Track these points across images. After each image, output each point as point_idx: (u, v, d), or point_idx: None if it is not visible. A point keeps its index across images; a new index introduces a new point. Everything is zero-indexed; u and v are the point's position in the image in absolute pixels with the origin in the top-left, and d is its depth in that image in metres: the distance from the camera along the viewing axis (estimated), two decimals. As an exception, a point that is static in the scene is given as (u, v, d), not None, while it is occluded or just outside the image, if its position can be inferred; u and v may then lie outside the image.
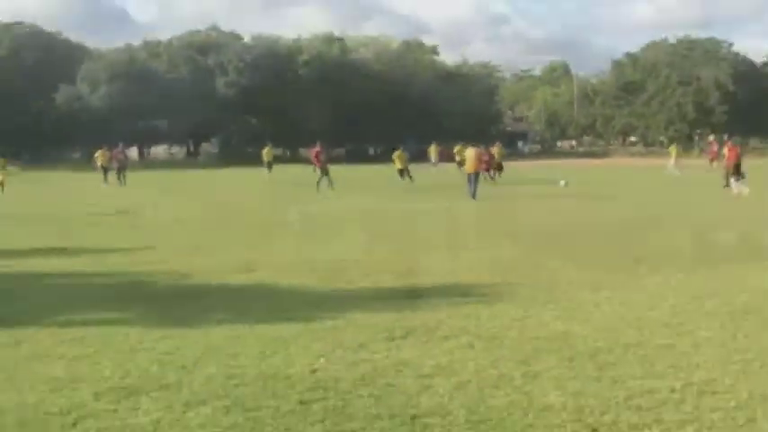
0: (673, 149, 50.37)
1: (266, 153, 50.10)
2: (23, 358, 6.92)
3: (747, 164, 29.80)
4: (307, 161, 56.78)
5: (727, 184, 28.28)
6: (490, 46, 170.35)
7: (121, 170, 40.10)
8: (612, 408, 5.46)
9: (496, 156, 37.46)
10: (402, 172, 36.35)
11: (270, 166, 48.58)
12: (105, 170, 40.58)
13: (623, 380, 6.09)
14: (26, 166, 58.41)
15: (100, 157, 41.70)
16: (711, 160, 57.77)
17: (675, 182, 36.89)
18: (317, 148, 34.67)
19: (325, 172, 32.57)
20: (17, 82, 74.61)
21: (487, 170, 33.44)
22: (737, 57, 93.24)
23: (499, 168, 36.81)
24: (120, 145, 44.06)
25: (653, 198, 27.12)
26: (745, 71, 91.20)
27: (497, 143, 44.41)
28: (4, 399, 5.80)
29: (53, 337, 7.60)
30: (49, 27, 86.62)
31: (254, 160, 55.84)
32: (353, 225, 18.53)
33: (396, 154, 37.74)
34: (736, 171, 27.94)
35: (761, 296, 9.27)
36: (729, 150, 30.00)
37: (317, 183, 31.95)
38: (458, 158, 40.68)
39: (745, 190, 26.25)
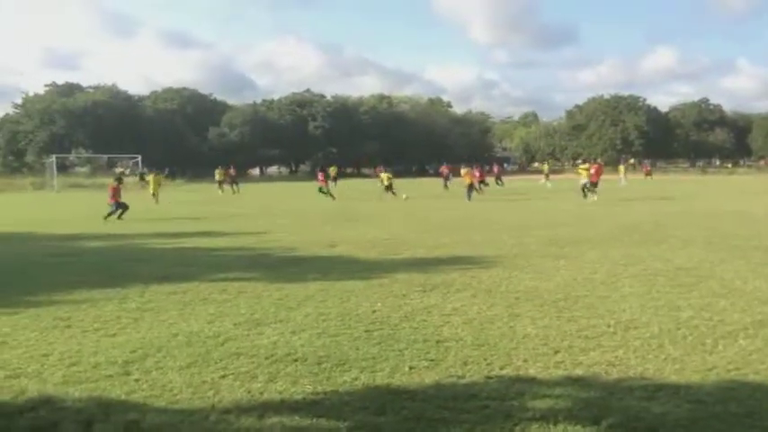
0: (621, 168, 47.02)
1: (332, 170, 49.01)
2: (188, 301, 7.03)
3: (655, 178, 28.05)
4: (366, 176, 56.73)
5: (588, 194, 24.68)
6: (485, 101, 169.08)
7: (234, 182, 38.54)
8: (568, 337, 5.40)
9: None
10: (387, 187, 28.47)
11: (335, 180, 46.20)
12: (220, 183, 38.71)
13: (575, 319, 6.01)
14: (188, 180, 59.85)
15: (218, 173, 39.53)
16: (647, 174, 55.53)
17: (622, 190, 33.71)
18: (321, 171, 29.77)
19: (331, 185, 28.57)
20: (183, 125, 75.56)
21: (481, 182, 31.65)
22: (649, 107, 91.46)
23: (483, 182, 32.68)
24: (231, 166, 41.96)
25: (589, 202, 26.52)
26: (654, 117, 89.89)
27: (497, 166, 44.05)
28: (177, 327, 5.92)
29: (207, 288, 7.72)
30: (202, 90, 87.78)
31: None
32: (396, 216, 18.48)
33: (384, 175, 30.03)
34: (593, 185, 24.70)
35: (666, 264, 9.05)
36: (595, 169, 25.47)
37: (328, 192, 27.96)
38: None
39: (594, 198, 24.06)
